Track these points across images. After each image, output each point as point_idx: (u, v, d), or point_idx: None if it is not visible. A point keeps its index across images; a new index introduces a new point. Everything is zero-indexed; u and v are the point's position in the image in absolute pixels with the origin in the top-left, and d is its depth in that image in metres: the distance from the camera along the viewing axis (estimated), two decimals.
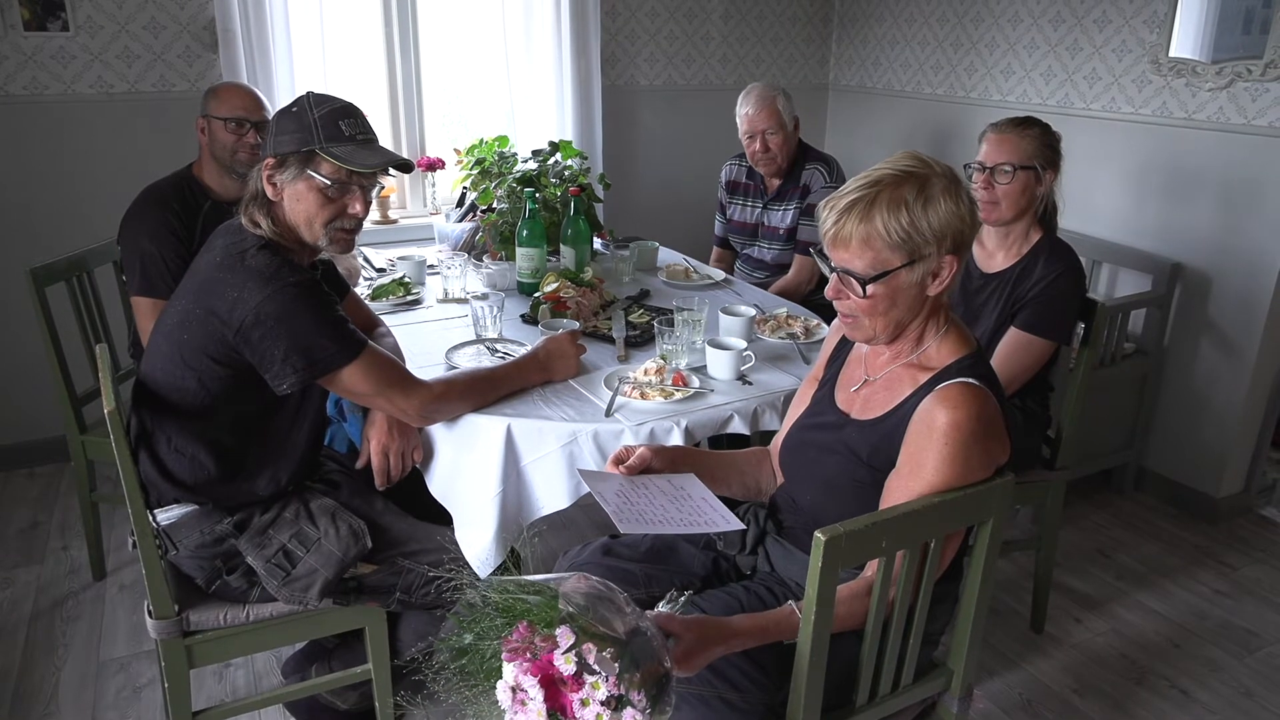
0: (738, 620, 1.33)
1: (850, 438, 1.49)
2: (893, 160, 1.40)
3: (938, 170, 1.38)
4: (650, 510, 1.39)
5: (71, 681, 2.28)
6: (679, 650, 1.25)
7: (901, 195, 1.34)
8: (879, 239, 1.35)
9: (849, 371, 1.59)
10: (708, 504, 1.44)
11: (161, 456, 1.72)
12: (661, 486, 1.47)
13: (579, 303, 2.35)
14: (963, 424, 1.33)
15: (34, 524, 2.99)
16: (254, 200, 1.70)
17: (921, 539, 1.34)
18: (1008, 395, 2.21)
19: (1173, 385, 3.18)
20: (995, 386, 1.41)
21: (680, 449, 1.62)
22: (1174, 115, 3.03)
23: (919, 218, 1.34)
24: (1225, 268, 2.95)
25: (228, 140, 2.37)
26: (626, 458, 1.51)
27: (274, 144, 1.68)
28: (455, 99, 3.96)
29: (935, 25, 3.87)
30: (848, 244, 1.37)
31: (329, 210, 1.70)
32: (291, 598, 1.73)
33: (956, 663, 1.56)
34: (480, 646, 1.11)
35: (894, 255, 1.36)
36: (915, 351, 1.47)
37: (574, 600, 1.11)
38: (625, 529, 1.33)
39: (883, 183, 1.36)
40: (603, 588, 1.17)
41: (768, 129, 2.99)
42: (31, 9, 2.98)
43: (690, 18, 4.05)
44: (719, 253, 3.43)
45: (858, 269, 1.37)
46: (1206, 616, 2.61)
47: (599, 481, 1.46)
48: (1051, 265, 2.16)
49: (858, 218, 1.35)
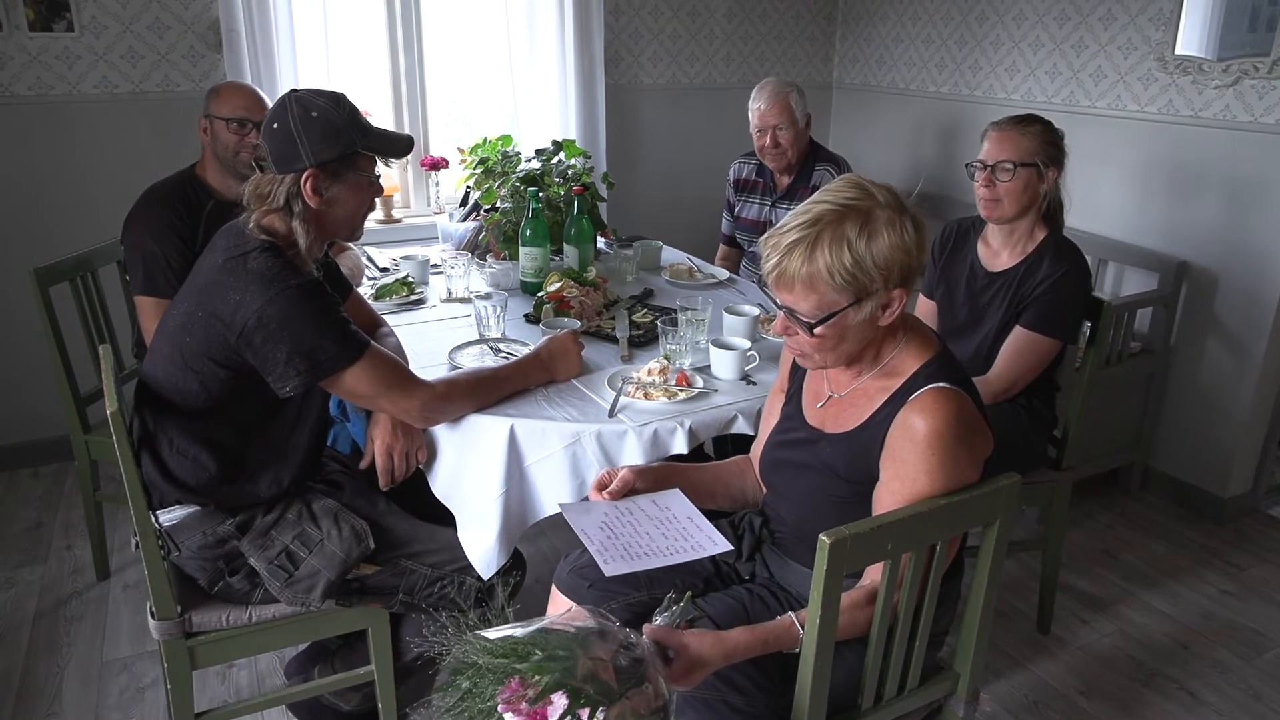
0: (737, 634, 1.32)
1: (825, 454, 1.48)
2: (833, 190, 1.35)
3: (880, 200, 1.33)
4: (636, 542, 1.36)
5: (75, 681, 2.28)
6: (678, 666, 1.24)
7: (843, 233, 1.29)
8: (823, 282, 1.30)
9: (811, 386, 1.57)
10: (694, 524, 1.41)
11: (164, 457, 1.71)
12: (646, 509, 1.45)
13: (582, 302, 2.34)
14: (944, 431, 1.31)
15: (38, 524, 2.99)
16: (279, 211, 1.66)
17: (927, 541, 1.33)
18: (1013, 395, 2.20)
19: (1179, 385, 3.16)
20: (966, 384, 1.40)
21: (663, 467, 1.60)
22: (1180, 113, 3.01)
23: (863, 256, 1.29)
24: (1232, 266, 2.94)
25: (230, 141, 2.36)
26: (609, 482, 1.48)
27: (313, 154, 1.63)
28: (459, 98, 3.96)
29: (940, 23, 3.85)
30: (791, 286, 1.32)
31: (369, 202, 1.77)
32: (294, 599, 1.72)
33: (963, 665, 1.55)
34: (476, 693, 1.11)
35: (840, 296, 1.31)
36: (877, 366, 1.45)
37: (564, 648, 1.10)
38: (610, 571, 1.29)
39: (823, 220, 1.30)
40: (595, 622, 1.16)
41: (778, 124, 2.99)
42: (37, 9, 2.98)
43: (694, 16, 4.04)
44: (725, 250, 3.42)
45: (803, 310, 1.33)
46: (1214, 617, 2.60)
47: (581, 515, 1.42)
48: (1057, 264, 2.15)
49: (800, 259, 1.30)
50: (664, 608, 1.32)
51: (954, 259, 2.36)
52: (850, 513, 1.40)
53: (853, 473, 1.43)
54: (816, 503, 1.49)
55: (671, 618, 1.30)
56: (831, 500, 1.46)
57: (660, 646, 1.24)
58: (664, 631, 1.26)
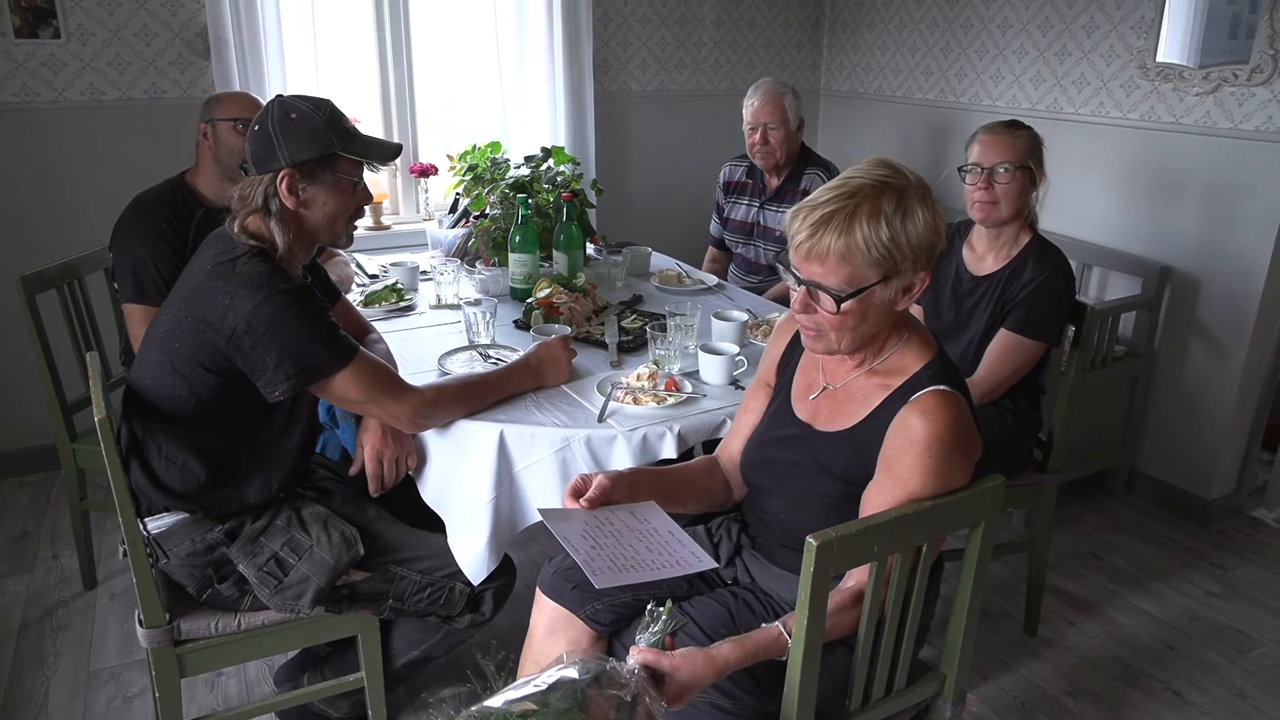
0: (726, 650, 1.31)
1: (819, 451, 1.47)
2: (865, 168, 1.34)
3: (912, 180, 1.33)
4: (622, 555, 1.35)
5: (61, 691, 2.26)
6: (671, 690, 1.25)
7: (881, 207, 1.29)
8: (859, 254, 1.29)
9: (804, 378, 1.56)
10: (675, 539, 1.41)
11: (152, 464, 1.71)
12: (626, 522, 1.43)
13: (572, 308, 2.35)
14: (944, 435, 1.32)
15: (24, 533, 2.97)
16: (258, 213, 1.67)
17: (913, 543, 1.35)
18: (998, 397, 2.22)
19: (1163, 388, 3.19)
20: (963, 388, 1.41)
21: (636, 470, 1.59)
22: (1162, 119, 3.04)
23: (899, 232, 1.29)
24: (1214, 270, 2.97)
25: (235, 143, 2.37)
26: (584, 487, 1.44)
27: (289, 154, 1.65)
28: (448, 105, 3.96)
29: (925, 31, 3.88)
30: (823, 259, 1.30)
31: (351, 208, 1.76)
32: (283, 606, 1.72)
33: (949, 666, 1.56)
34: None
35: (871, 272, 1.31)
36: (878, 359, 1.45)
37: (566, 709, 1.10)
38: (600, 583, 1.28)
39: (861, 193, 1.30)
40: (589, 671, 1.16)
41: (770, 123, 3.01)
42: (23, 16, 2.97)
43: (682, 24, 4.06)
44: (714, 253, 3.44)
45: (832, 285, 1.32)
46: (1199, 618, 2.62)
47: (562, 523, 1.41)
48: (1040, 267, 2.17)
49: (836, 231, 1.28)
50: (647, 623, 1.31)
51: (940, 263, 2.37)
52: (840, 511, 1.40)
53: (849, 472, 1.43)
54: (806, 502, 1.48)
55: (655, 634, 1.30)
56: (823, 498, 1.46)
57: (650, 671, 1.24)
58: (654, 655, 1.26)
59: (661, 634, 1.30)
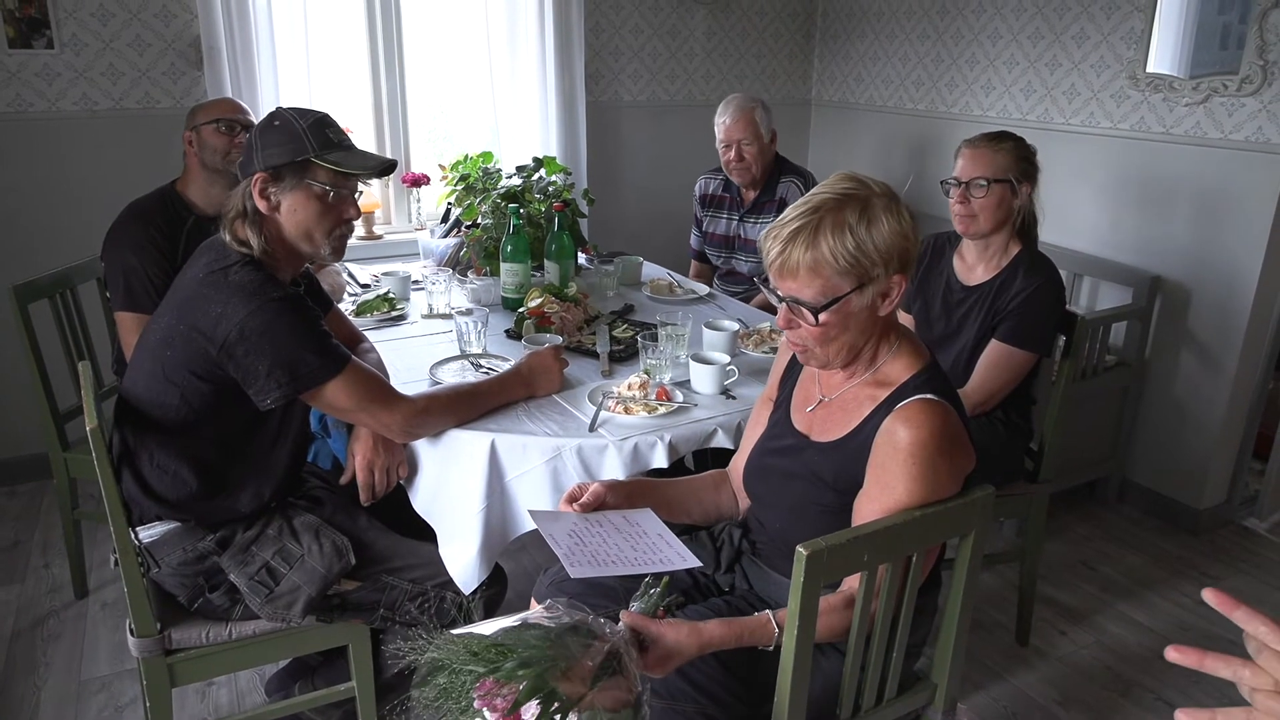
0: (713, 626, 1.33)
1: (813, 461, 1.49)
2: (830, 183, 1.39)
3: (876, 190, 1.38)
4: (604, 550, 1.36)
5: (52, 701, 2.25)
6: (653, 656, 1.25)
7: (844, 219, 1.33)
8: (827, 266, 1.33)
9: (803, 391, 1.59)
10: (664, 540, 1.42)
11: (144, 473, 1.71)
12: (616, 523, 1.44)
13: (563, 318, 2.35)
14: (927, 442, 1.33)
15: (15, 542, 2.96)
16: (240, 217, 1.68)
17: (903, 553, 1.35)
18: (990, 408, 2.23)
19: (1154, 397, 3.20)
20: (953, 398, 1.42)
21: (636, 481, 1.61)
22: (1152, 130, 3.06)
23: (864, 240, 1.33)
24: (1204, 280, 2.99)
25: (219, 144, 2.38)
26: (580, 495, 1.48)
27: (262, 158, 1.66)
28: (440, 115, 3.97)
29: (916, 42, 3.91)
30: (795, 273, 1.35)
31: (330, 218, 1.72)
32: (275, 615, 1.72)
33: (940, 676, 1.57)
34: (452, 691, 1.12)
35: (843, 281, 1.34)
36: (870, 370, 1.47)
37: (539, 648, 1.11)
38: (576, 573, 1.30)
39: (824, 208, 1.34)
40: (569, 616, 1.17)
41: (743, 139, 3.02)
42: (16, 27, 2.98)
43: (673, 35, 4.08)
44: (697, 267, 3.45)
45: (807, 298, 1.36)
46: (1190, 628, 2.62)
47: (550, 522, 1.42)
48: (1031, 278, 2.18)
49: (803, 245, 1.33)
50: (641, 593, 1.32)
51: (930, 273, 2.39)
52: (835, 522, 1.41)
53: (840, 481, 1.44)
54: (802, 512, 1.49)
55: (648, 602, 1.31)
56: (818, 510, 1.47)
57: (636, 634, 1.25)
58: (641, 619, 1.27)
59: (654, 604, 1.31)
